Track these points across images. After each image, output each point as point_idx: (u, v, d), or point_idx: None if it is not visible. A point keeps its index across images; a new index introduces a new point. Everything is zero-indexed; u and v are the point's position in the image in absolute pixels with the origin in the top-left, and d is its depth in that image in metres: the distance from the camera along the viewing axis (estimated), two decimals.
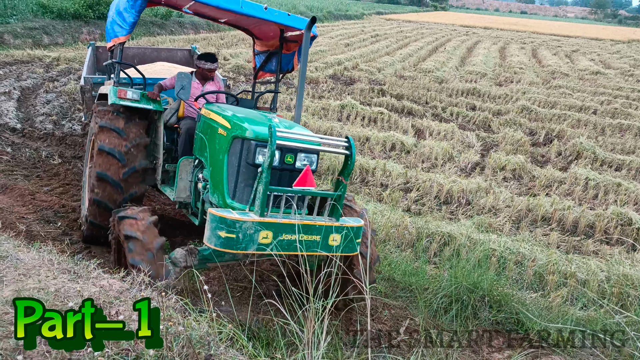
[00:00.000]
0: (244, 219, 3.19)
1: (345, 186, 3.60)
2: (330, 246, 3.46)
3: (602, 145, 10.88)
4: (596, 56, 28.68)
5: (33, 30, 19.71)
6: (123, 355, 2.05)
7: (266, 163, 3.28)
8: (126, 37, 4.80)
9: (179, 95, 4.51)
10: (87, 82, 7.02)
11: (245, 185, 3.67)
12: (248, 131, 3.68)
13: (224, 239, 3.18)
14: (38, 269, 2.93)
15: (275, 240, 3.25)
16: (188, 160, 4.62)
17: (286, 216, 3.40)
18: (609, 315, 4.20)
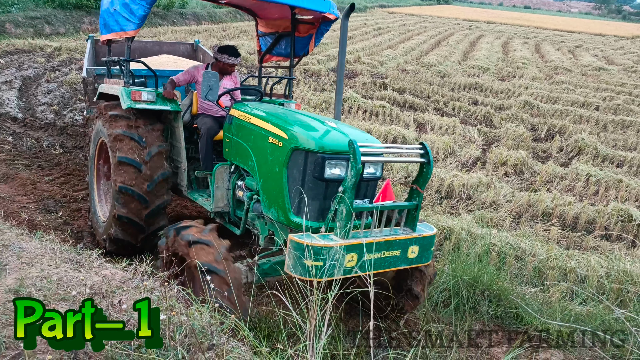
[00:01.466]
0: (331, 245, 2.95)
1: (421, 195, 3.42)
2: (410, 259, 3.34)
3: (604, 142, 10.86)
4: (599, 52, 28.57)
5: (34, 19, 19.64)
6: (125, 345, 2.06)
7: (350, 182, 3.01)
8: (135, 31, 4.39)
9: (208, 97, 4.17)
10: (90, 73, 6.72)
11: (311, 201, 3.35)
12: (313, 143, 3.33)
13: (310, 268, 2.93)
14: (40, 257, 2.94)
15: (359, 261, 3.07)
16: (224, 167, 4.33)
17: (368, 234, 3.21)
18: (608, 310, 4.21)
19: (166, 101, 4.62)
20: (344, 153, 3.32)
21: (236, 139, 4.18)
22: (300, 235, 3.05)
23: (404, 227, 3.45)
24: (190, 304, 2.53)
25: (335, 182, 3.33)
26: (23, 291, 2.49)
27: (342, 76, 4.33)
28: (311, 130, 3.51)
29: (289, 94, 5.71)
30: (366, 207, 3.26)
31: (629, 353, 3.47)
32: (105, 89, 5.16)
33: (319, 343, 2.28)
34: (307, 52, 5.55)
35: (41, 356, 2.02)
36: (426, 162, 3.39)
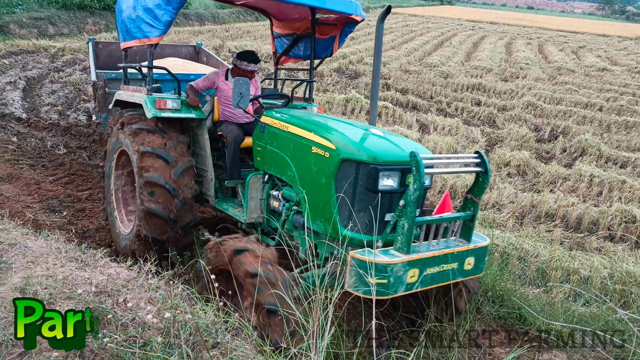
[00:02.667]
0: (395, 261, 2.85)
1: (477, 205, 3.31)
2: (466, 270, 3.27)
3: (608, 142, 10.84)
4: (603, 52, 28.50)
5: (38, 20, 19.73)
6: (131, 342, 2.08)
7: (413, 196, 2.89)
8: (160, 38, 4.19)
9: (239, 105, 3.96)
10: (100, 77, 6.59)
11: (363, 214, 3.25)
12: (364, 154, 3.20)
13: (374, 286, 2.79)
14: (46, 256, 2.96)
15: (420, 276, 2.98)
16: (257, 177, 4.19)
17: (427, 248, 3.11)
18: (611, 312, 4.21)
19: (190, 109, 4.50)
20: (397, 164, 3.22)
21: (270, 147, 4.04)
22: (362, 251, 2.94)
23: (459, 239, 3.36)
24: (194, 302, 2.55)
25: (387, 194, 3.23)
26: (29, 290, 2.51)
27: (377, 80, 4.17)
28: (360, 140, 3.39)
29: (310, 96, 5.57)
30: (429, 220, 3.13)
31: (631, 354, 3.47)
32: (124, 96, 4.99)
33: (322, 342, 2.29)
34: (330, 54, 5.39)
35: (47, 354, 2.04)
36: (483, 171, 3.29)
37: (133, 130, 4.45)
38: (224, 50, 18.41)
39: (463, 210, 3.37)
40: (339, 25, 5.08)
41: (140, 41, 4.37)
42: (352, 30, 5.18)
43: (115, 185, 5.17)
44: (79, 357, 2.01)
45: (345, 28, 5.13)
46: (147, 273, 2.79)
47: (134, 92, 4.83)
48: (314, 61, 5.46)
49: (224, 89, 4.84)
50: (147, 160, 4.26)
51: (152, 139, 4.36)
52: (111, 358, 2.01)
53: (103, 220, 5.67)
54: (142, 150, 4.28)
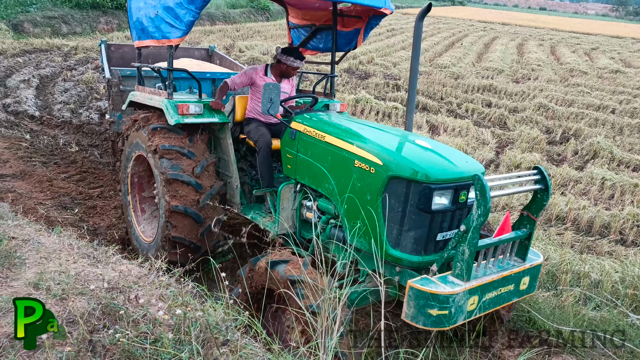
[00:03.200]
0: (457, 291, 2.70)
1: (534, 223, 3.18)
2: (521, 290, 3.15)
3: (620, 145, 10.73)
4: (616, 54, 28.19)
5: (52, 19, 19.96)
6: (142, 338, 2.10)
7: (476, 222, 2.69)
8: (181, 39, 3.97)
9: (269, 112, 3.76)
10: (115, 74, 6.49)
11: (412, 233, 3.09)
12: (416, 172, 3.00)
13: (435, 318, 2.68)
14: (59, 252, 3.00)
15: (480, 303, 2.85)
16: (289, 187, 4.00)
17: (485, 272, 2.96)
18: (622, 316, 4.17)
19: (213, 112, 4.33)
20: (450, 181, 3.05)
21: (303, 156, 3.85)
22: (422, 281, 2.78)
23: (514, 257, 3.24)
24: (204, 300, 2.56)
25: (440, 213, 3.07)
26: (42, 285, 2.54)
27: (415, 83, 3.96)
28: (409, 155, 3.19)
29: (332, 92, 5.34)
30: (489, 244, 2.97)
31: None
32: (140, 98, 4.78)
33: (330, 341, 2.30)
34: (353, 47, 5.12)
35: (60, 348, 2.07)
36: (543, 188, 3.13)
37: (150, 130, 4.32)
38: (235, 50, 18.49)
39: (518, 228, 3.24)
40: (364, 17, 4.85)
41: (158, 41, 4.15)
42: (379, 23, 4.96)
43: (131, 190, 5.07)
44: (90, 352, 2.04)
45: (372, 21, 4.89)
46: (158, 270, 2.82)
47: (151, 94, 4.67)
48: (336, 54, 5.20)
49: (261, 85, 4.58)
50: (169, 157, 4.15)
51: (171, 137, 4.24)
52: (122, 353, 2.03)
53: (114, 217, 5.73)
54: (162, 148, 4.14)
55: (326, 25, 5.11)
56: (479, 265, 2.99)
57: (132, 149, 4.78)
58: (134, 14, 4.52)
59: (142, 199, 5.08)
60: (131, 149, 4.79)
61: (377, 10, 4.51)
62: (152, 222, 5.07)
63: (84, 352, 2.04)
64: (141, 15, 4.33)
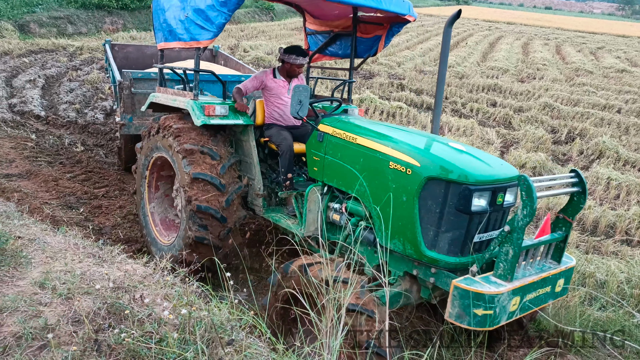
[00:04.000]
0: (502, 291, 2.73)
1: (570, 225, 3.21)
2: (557, 293, 3.20)
3: (626, 145, 10.67)
4: (622, 54, 28.03)
5: (58, 19, 20.06)
6: (147, 338, 2.11)
7: (522, 222, 2.73)
8: (211, 41, 3.91)
9: (299, 114, 3.74)
10: (126, 77, 6.36)
11: (450, 234, 3.10)
12: (456, 173, 3.02)
13: (480, 317, 2.69)
14: (64, 252, 3.02)
15: (521, 304, 2.88)
16: (316, 188, 3.98)
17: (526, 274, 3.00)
18: (628, 316, 4.15)
19: (237, 114, 4.34)
20: (488, 183, 3.07)
21: (332, 158, 3.83)
22: (467, 281, 2.80)
23: (549, 260, 3.28)
24: (209, 300, 2.57)
25: (478, 214, 3.08)
26: (48, 284, 2.56)
27: (442, 89, 3.94)
28: (446, 157, 3.19)
29: (349, 98, 5.37)
30: (533, 245, 3.03)
31: None
32: (163, 99, 4.72)
33: (335, 342, 2.30)
34: (373, 53, 5.10)
35: (66, 347, 2.08)
36: (580, 190, 3.17)
37: (173, 131, 4.29)
38: (239, 50, 18.52)
39: (554, 231, 3.26)
40: (385, 24, 4.83)
41: (186, 44, 4.12)
42: (400, 30, 4.93)
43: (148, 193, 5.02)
44: (96, 352, 2.05)
45: (394, 28, 4.86)
46: (163, 270, 2.83)
47: (174, 95, 4.64)
48: (354, 61, 5.21)
49: (272, 87, 4.64)
50: (192, 157, 4.14)
51: (194, 137, 4.22)
52: (128, 353, 2.04)
53: (119, 217, 5.75)
54: (185, 148, 4.13)
55: (345, 32, 5.09)
56: (520, 267, 3.01)
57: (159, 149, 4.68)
58: (160, 16, 4.49)
59: (159, 177, 5.04)
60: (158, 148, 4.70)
61: (401, 17, 4.46)
62: (163, 203, 5.04)
63: (90, 352, 2.04)
64: (169, 17, 4.31)
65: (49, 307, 2.36)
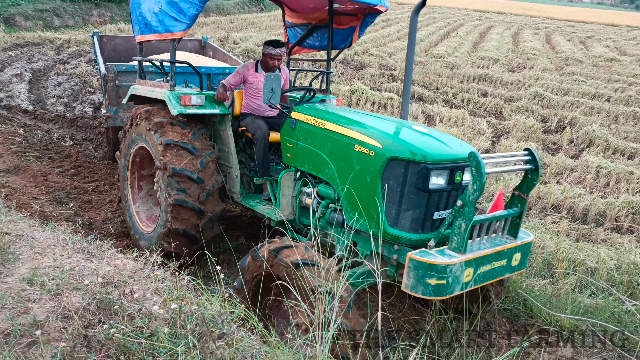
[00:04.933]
0: (454, 262, 2.86)
1: (525, 202, 3.33)
2: (513, 266, 3.32)
3: (615, 133, 10.75)
4: (611, 42, 28.16)
5: (44, 12, 19.74)
6: (137, 333, 2.09)
7: (472, 197, 2.86)
8: (184, 32, 4.02)
9: (271, 102, 3.87)
10: (111, 70, 6.44)
11: (411, 212, 3.23)
12: (414, 153, 3.15)
13: (434, 287, 2.83)
14: (53, 248, 2.98)
15: (474, 275, 3.00)
16: (289, 174, 4.14)
17: (479, 247, 3.12)
18: (618, 302, 4.19)
19: (214, 104, 4.44)
20: (446, 162, 3.21)
21: (303, 144, 3.98)
22: (421, 253, 2.94)
23: (506, 235, 3.38)
24: (200, 294, 2.56)
25: (436, 192, 3.21)
26: (36, 281, 2.53)
27: (410, 75, 4.09)
28: (407, 138, 3.33)
29: (327, 88, 5.48)
30: (485, 219, 3.14)
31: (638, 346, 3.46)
32: (142, 91, 4.87)
33: (327, 333, 2.30)
34: (349, 44, 5.25)
35: (55, 344, 2.06)
36: (533, 168, 3.28)
37: (154, 124, 4.38)
38: (229, 41, 18.36)
39: (510, 207, 3.36)
40: (359, 15, 4.96)
41: (161, 35, 4.22)
42: (374, 20, 5.07)
43: (130, 182, 5.11)
44: (86, 348, 2.03)
45: (367, 18, 5.00)
46: (153, 264, 2.80)
47: (153, 87, 4.74)
48: (332, 52, 5.35)
49: (252, 82, 4.77)
50: (172, 152, 4.23)
51: (175, 131, 4.33)
52: (118, 348, 2.02)
53: (110, 212, 5.70)
54: (165, 143, 4.23)
55: (322, 24, 5.24)
56: (474, 241, 3.14)
57: (138, 138, 4.80)
58: (136, 9, 4.56)
59: (140, 176, 5.15)
60: (138, 138, 4.81)
61: (373, 7, 4.62)
62: (147, 202, 5.13)
63: (79, 348, 2.02)
64: (144, 9, 4.39)
65: (38, 304, 2.33)
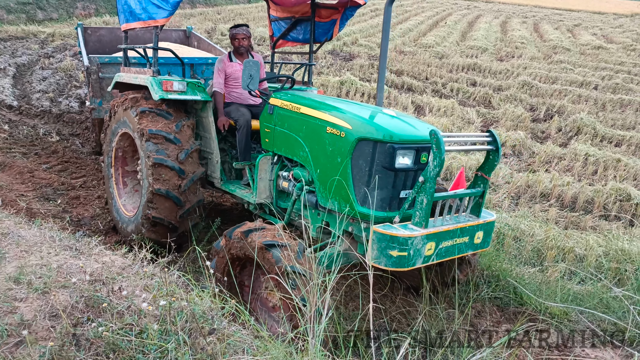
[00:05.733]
0: (415, 235, 3.00)
1: (487, 182, 3.46)
2: (476, 244, 3.45)
3: (603, 121, 10.83)
4: (598, 30, 28.31)
5: (27, 5, 19.39)
6: (127, 330, 2.07)
7: (432, 172, 3.01)
8: (167, 19, 4.16)
9: (249, 87, 3.96)
10: (94, 62, 6.48)
11: (379, 191, 3.35)
12: (381, 133, 3.28)
13: (395, 258, 2.97)
14: (40, 245, 2.94)
15: (436, 249, 3.15)
16: (266, 158, 4.24)
17: (442, 222, 3.26)
18: (606, 289, 4.24)
19: (196, 90, 4.51)
20: (412, 142, 3.31)
21: (280, 129, 4.08)
22: (384, 226, 3.05)
23: (469, 214, 3.51)
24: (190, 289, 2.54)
25: (403, 172, 3.33)
26: (23, 279, 2.49)
27: (384, 64, 4.24)
28: (376, 120, 3.45)
29: (309, 80, 5.58)
30: (445, 196, 3.27)
31: (627, 331, 3.50)
32: (126, 78, 4.96)
33: (319, 326, 2.30)
34: (330, 37, 5.37)
35: (44, 343, 2.03)
36: (494, 149, 3.41)
37: (139, 112, 4.41)
38: (217, 33, 18.17)
39: (473, 187, 3.50)
40: (340, 8, 5.07)
41: (145, 23, 4.32)
42: (354, 13, 5.19)
43: (114, 167, 5.16)
44: (75, 346, 2.00)
45: (347, 11, 5.12)
46: (142, 260, 2.78)
47: (137, 73, 4.81)
48: (314, 45, 5.46)
49: (230, 72, 4.88)
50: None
51: (159, 121, 4.39)
52: (107, 346, 2.00)
53: (98, 207, 5.65)
54: (149, 132, 4.28)
55: (305, 17, 5.37)
56: (437, 218, 3.27)
57: (119, 126, 4.88)
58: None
59: (124, 172, 5.20)
60: (118, 126, 4.90)
61: (353, 1, 4.72)
62: (133, 196, 5.17)
63: (68, 346, 2.00)
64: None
65: (25, 303, 2.30)
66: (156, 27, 4.29)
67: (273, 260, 2.88)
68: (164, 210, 4.30)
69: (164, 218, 4.31)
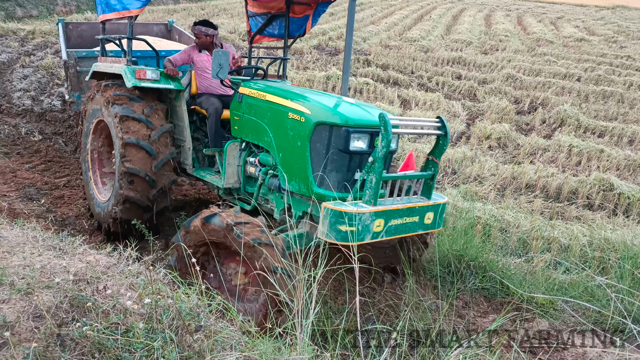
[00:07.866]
0: (363, 211, 3.14)
1: (437, 166, 3.62)
2: (426, 224, 3.58)
3: (586, 112, 10.97)
4: (581, 23, 28.62)
5: (5, 1, 19.00)
6: (113, 329, 2.05)
7: (380, 153, 3.17)
8: (140, 10, 4.32)
9: (218, 75, 4.05)
10: (71, 56, 6.58)
11: (335, 173, 3.53)
12: (337, 118, 3.46)
13: (344, 233, 3.10)
14: (22, 246, 2.90)
15: (385, 227, 3.29)
16: (234, 144, 4.42)
17: (392, 202, 3.41)
18: (590, 278, 4.30)
19: (169, 80, 4.63)
20: (366, 127, 3.49)
21: (248, 116, 4.24)
22: (335, 202, 3.21)
23: (420, 196, 3.66)
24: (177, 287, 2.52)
25: (357, 155, 3.51)
26: (5, 280, 2.45)
27: (349, 55, 4.44)
28: (333, 106, 3.65)
29: (284, 74, 5.71)
30: (394, 177, 3.42)
31: (609, 319, 3.56)
32: (102, 67, 5.06)
33: (307, 321, 2.30)
34: (303, 33, 5.53)
35: (27, 344, 2.00)
36: (443, 134, 3.56)
37: (112, 97, 4.55)
38: None
39: (424, 170, 3.65)
40: (312, 4, 5.22)
41: (119, 13, 4.47)
42: (326, 10, 5.34)
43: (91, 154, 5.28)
44: (59, 347, 1.98)
45: (319, 7, 5.28)
46: (127, 259, 2.75)
47: (112, 62, 4.92)
48: (288, 40, 5.59)
49: (197, 62, 5.00)
50: (127, 124, 4.42)
51: (131, 105, 4.52)
52: (93, 346, 1.98)
53: (83, 207, 5.58)
54: (121, 115, 4.40)
55: (280, 13, 5.49)
56: (388, 199, 3.43)
57: (93, 114, 5.03)
58: None
59: (102, 174, 5.31)
60: (93, 113, 5.04)
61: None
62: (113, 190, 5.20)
63: (53, 347, 1.97)
64: None
65: (8, 304, 2.26)
66: (130, 18, 4.44)
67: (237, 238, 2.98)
68: (138, 191, 4.43)
69: (138, 198, 4.45)
